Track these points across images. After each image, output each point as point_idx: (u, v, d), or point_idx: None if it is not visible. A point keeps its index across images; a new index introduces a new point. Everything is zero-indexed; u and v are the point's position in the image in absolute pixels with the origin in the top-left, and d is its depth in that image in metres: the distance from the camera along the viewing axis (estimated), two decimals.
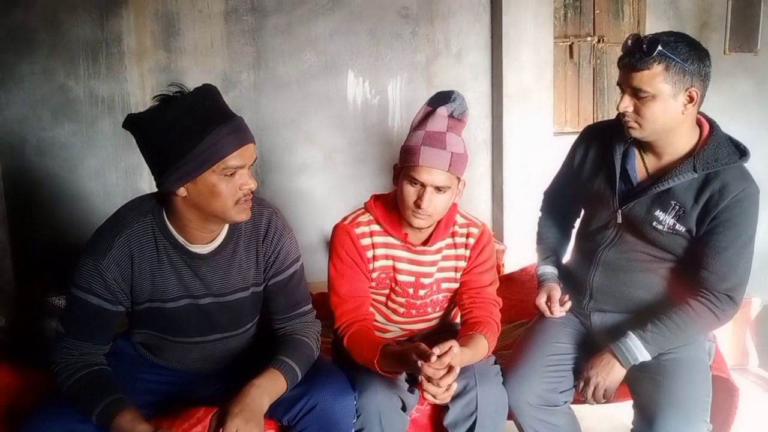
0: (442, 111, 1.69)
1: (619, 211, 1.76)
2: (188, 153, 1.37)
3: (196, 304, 1.58)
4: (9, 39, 2.92)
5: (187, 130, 1.37)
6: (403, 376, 1.72)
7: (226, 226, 1.58)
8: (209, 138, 1.37)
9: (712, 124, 1.71)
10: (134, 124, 1.43)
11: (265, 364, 1.54)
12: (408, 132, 1.73)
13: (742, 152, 1.67)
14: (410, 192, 1.67)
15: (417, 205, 1.65)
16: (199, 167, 1.39)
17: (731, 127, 1.79)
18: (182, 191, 1.43)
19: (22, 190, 3.01)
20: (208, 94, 1.44)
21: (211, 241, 1.56)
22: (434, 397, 1.48)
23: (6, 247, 2.77)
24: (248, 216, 1.51)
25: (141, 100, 3.06)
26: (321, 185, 3.27)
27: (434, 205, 1.66)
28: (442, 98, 1.72)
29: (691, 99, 1.61)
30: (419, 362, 1.46)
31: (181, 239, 1.53)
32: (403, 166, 1.68)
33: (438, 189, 1.65)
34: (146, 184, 3.10)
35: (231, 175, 1.43)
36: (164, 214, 1.52)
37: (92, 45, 3.00)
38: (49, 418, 1.46)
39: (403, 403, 1.68)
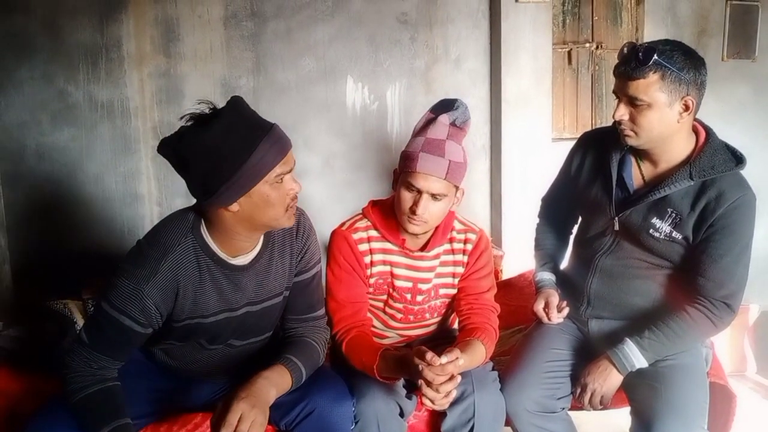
0: (444, 119, 1.69)
1: (616, 218, 1.77)
2: (239, 169, 1.38)
3: (235, 315, 1.59)
4: (8, 44, 2.93)
5: (235, 147, 1.38)
6: (401, 382, 1.72)
7: (263, 235, 1.59)
8: (258, 151, 1.39)
9: (709, 132, 1.72)
10: (174, 148, 1.42)
11: (273, 361, 1.55)
12: (409, 138, 1.74)
13: (738, 159, 1.68)
14: (407, 197, 1.67)
15: (412, 211, 1.66)
16: (252, 181, 1.41)
17: (729, 133, 1.80)
18: (235, 206, 1.44)
19: (21, 194, 3.01)
20: (242, 107, 1.44)
21: (249, 252, 1.57)
22: (432, 402, 1.48)
23: (4, 252, 2.77)
24: (293, 221, 1.54)
25: (140, 105, 3.07)
26: (319, 191, 3.27)
27: (429, 212, 1.66)
28: (446, 106, 1.73)
29: (686, 107, 1.62)
30: (420, 366, 1.46)
31: (222, 255, 1.53)
32: (402, 171, 1.68)
33: (434, 196, 1.65)
34: (145, 188, 3.10)
35: (280, 182, 1.45)
36: (204, 229, 1.52)
37: (92, 50, 3.00)
38: (51, 423, 1.46)
39: (401, 409, 1.68)
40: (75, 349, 1.49)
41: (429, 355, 1.48)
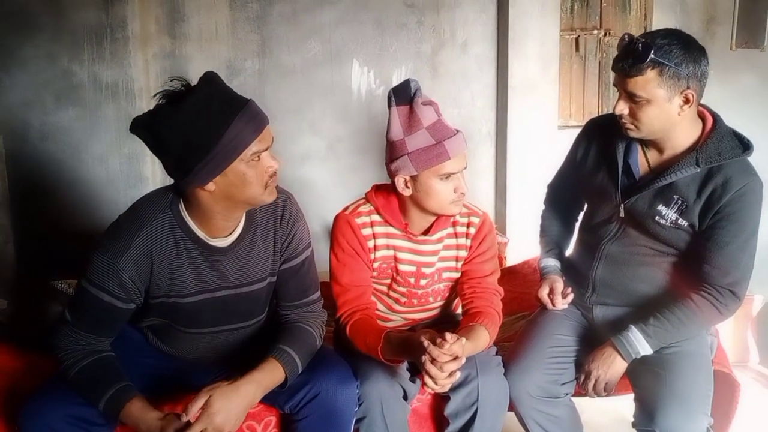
0: (419, 102, 1.66)
1: (622, 205, 1.76)
2: (214, 147, 1.35)
3: (214, 297, 1.57)
4: (12, 22, 2.91)
5: (209, 125, 1.35)
6: (405, 365, 1.72)
7: (244, 217, 1.56)
8: (232, 128, 1.36)
9: (716, 118, 1.70)
10: (147, 127, 1.39)
11: (266, 353, 1.54)
12: (396, 139, 1.67)
13: (745, 146, 1.66)
14: (446, 188, 1.68)
15: (461, 194, 1.69)
16: (227, 159, 1.38)
17: (736, 122, 1.78)
18: (211, 186, 1.41)
19: (24, 174, 3.00)
20: (216, 83, 1.42)
21: (230, 234, 1.54)
22: (435, 381, 1.47)
23: (8, 231, 2.77)
24: (275, 196, 1.51)
25: (145, 86, 3.05)
26: (324, 175, 3.27)
27: (466, 183, 1.72)
28: (405, 92, 1.68)
29: (687, 100, 1.60)
30: (426, 342, 1.46)
31: (201, 234, 1.51)
32: (424, 169, 1.65)
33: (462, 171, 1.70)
34: (149, 170, 3.10)
35: (257, 159, 1.42)
36: (182, 208, 1.50)
37: (96, 30, 2.98)
38: (51, 401, 1.46)
39: (404, 392, 1.69)
40: (61, 329, 1.49)
41: (429, 335, 1.48)
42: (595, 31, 3.40)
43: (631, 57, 1.57)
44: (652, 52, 1.54)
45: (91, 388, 1.45)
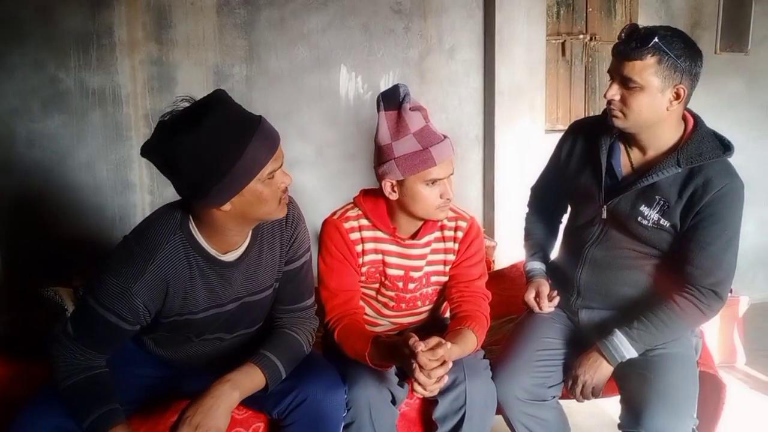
0: (407, 108, 1.67)
1: (605, 206, 1.77)
2: (231, 170, 1.35)
3: (224, 311, 1.57)
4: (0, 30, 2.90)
5: (226, 148, 1.34)
6: (393, 369, 1.72)
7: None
8: (249, 150, 1.36)
9: (697, 119, 1.72)
10: (161, 151, 1.36)
11: (246, 359, 1.54)
12: (383, 143, 1.68)
13: (726, 147, 1.68)
14: (432, 193, 1.68)
15: (447, 199, 1.69)
16: (244, 180, 1.38)
17: (721, 126, 1.80)
18: (227, 206, 1.40)
19: (11, 181, 2.98)
20: (228, 103, 1.39)
21: (239, 247, 1.54)
22: (424, 388, 1.48)
23: None
24: (287, 211, 1.52)
25: (132, 92, 3.04)
26: (312, 180, 3.26)
27: (452, 189, 1.72)
28: (394, 97, 1.68)
29: (677, 96, 1.62)
30: (417, 348, 1.46)
31: (212, 251, 1.50)
32: (410, 174, 1.66)
33: (450, 175, 1.71)
34: (136, 176, 3.08)
35: (272, 178, 1.42)
36: (193, 227, 1.48)
37: (83, 37, 2.97)
38: (41, 412, 1.45)
39: (393, 396, 1.69)
40: (61, 341, 1.48)
41: (412, 340, 1.48)
42: (581, 36, 3.42)
43: (634, 40, 1.59)
44: (656, 38, 1.57)
45: (80, 406, 1.43)
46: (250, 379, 1.50)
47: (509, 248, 3.09)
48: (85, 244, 2.97)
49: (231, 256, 1.53)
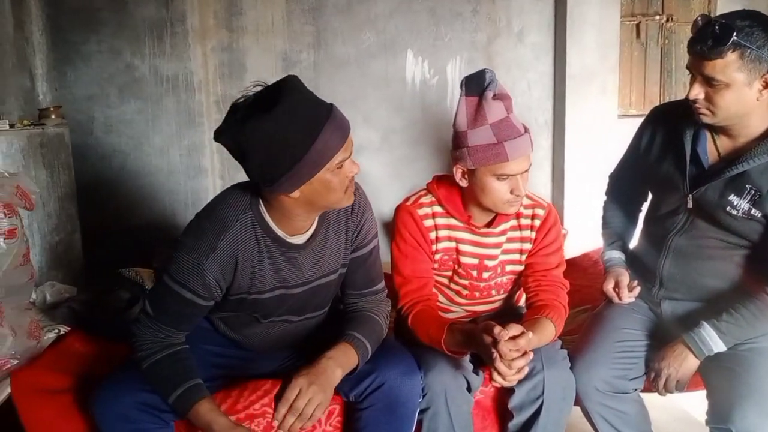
0: (489, 95, 1.63)
1: (690, 195, 1.70)
2: (302, 158, 1.35)
3: (290, 293, 1.60)
4: (77, 18, 3.00)
5: (297, 136, 1.35)
6: (468, 356, 1.71)
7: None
8: (320, 139, 1.36)
9: None
10: (233, 136, 1.37)
11: (337, 340, 1.56)
12: (460, 130, 1.66)
13: None
14: (502, 187, 1.65)
15: (516, 195, 1.66)
16: (314, 169, 1.38)
17: None
18: (296, 194, 1.42)
19: (90, 166, 3.10)
20: (301, 90, 1.39)
21: (306, 231, 1.56)
22: (503, 378, 1.47)
23: (75, 221, 2.86)
24: (353, 200, 1.52)
25: (204, 78, 3.11)
26: (378, 167, 3.27)
27: (526, 185, 1.67)
28: (479, 82, 1.65)
29: (766, 85, 1.54)
30: (500, 333, 1.45)
31: (280, 233, 1.52)
32: (481, 165, 1.63)
33: (525, 171, 1.66)
34: (208, 161, 3.16)
35: (341, 167, 1.43)
36: (263, 209, 1.51)
37: (157, 24, 3.05)
38: (122, 388, 1.50)
39: (468, 383, 1.68)
40: (141, 320, 1.53)
41: (497, 329, 1.46)
42: (657, 17, 3.29)
43: (711, 39, 1.50)
44: (734, 34, 1.48)
45: (164, 382, 1.48)
46: (347, 358, 1.53)
47: (580, 237, 3.02)
48: (160, 227, 3.07)
49: (298, 239, 1.55)
